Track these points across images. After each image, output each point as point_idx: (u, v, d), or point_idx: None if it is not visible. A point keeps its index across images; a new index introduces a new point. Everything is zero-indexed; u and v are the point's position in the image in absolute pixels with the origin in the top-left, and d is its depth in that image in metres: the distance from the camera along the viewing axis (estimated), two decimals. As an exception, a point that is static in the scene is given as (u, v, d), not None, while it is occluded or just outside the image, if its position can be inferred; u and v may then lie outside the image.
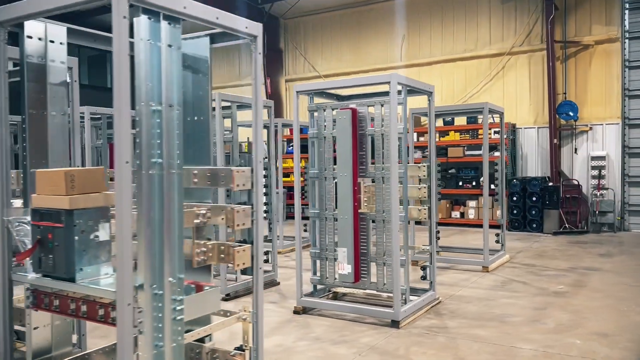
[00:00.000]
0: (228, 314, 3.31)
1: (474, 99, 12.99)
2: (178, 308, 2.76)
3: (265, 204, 6.80)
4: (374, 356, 4.28)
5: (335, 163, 5.35)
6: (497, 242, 8.17)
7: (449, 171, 13.01)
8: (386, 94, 5.33)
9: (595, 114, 11.77)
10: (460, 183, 12.72)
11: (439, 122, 13.32)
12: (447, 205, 12.86)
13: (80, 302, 2.74)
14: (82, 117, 7.27)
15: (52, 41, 3.15)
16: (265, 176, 8.09)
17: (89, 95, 5.23)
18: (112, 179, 2.61)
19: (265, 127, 8.35)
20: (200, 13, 2.81)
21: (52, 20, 3.18)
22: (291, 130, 14.99)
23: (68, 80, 3.59)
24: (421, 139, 13.14)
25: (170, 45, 2.74)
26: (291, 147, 14.69)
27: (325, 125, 5.46)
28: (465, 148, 12.52)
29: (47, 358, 3.13)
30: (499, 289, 6.39)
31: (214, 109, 6.64)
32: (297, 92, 5.44)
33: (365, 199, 5.28)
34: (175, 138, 2.74)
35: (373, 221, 5.35)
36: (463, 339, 4.64)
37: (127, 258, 2.40)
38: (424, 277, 5.72)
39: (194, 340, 3.35)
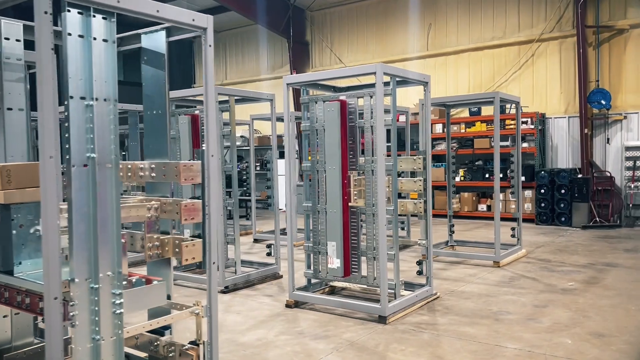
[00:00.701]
0: (183, 308, 3.31)
1: (502, 88, 12.58)
2: (117, 302, 2.77)
3: (268, 197, 6.80)
4: (351, 352, 4.21)
5: (328, 156, 5.29)
6: (513, 236, 7.90)
7: (476, 163, 12.69)
8: (386, 84, 5.25)
9: (630, 102, 11.17)
10: (487, 175, 12.36)
11: (465, 113, 13.01)
12: (474, 198, 12.54)
13: (24, 294, 2.81)
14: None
15: (7, 38, 3.21)
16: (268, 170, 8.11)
17: (124, 91, 5.45)
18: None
19: (279, 119, 8.35)
20: (137, 7, 2.81)
21: (8, 18, 3.24)
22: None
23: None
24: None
25: (105, 40, 2.74)
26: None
27: (317, 118, 5.39)
28: (492, 139, 12.13)
29: (7, 349, 3.22)
30: (504, 285, 6.18)
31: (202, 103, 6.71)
32: (287, 84, 5.39)
33: (355, 192, 5.19)
34: (110, 132, 2.74)
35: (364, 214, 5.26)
36: (448, 337, 4.50)
37: (53, 252, 2.43)
38: (419, 272, 5.58)
39: (150, 332, 3.39)
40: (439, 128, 12.89)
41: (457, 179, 12.72)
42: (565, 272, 6.79)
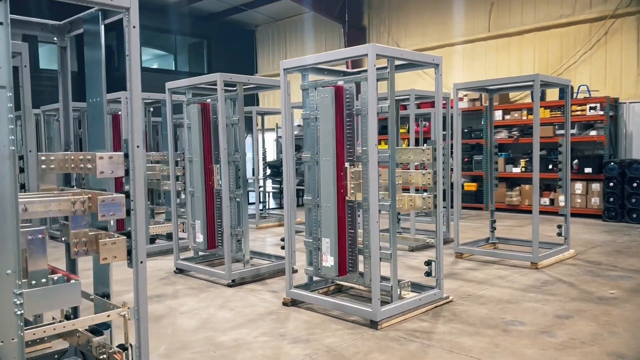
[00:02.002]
0: (113, 308, 3.14)
1: (571, 71, 11.49)
2: (19, 302, 2.63)
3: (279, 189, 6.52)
4: (324, 359, 3.87)
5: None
6: (559, 234, 7.12)
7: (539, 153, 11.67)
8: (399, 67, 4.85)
9: None
10: (550, 166, 11.34)
11: (528, 98, 11.99)
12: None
13: None
14: (119, 102, 7.53)
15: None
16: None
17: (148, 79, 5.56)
18: None
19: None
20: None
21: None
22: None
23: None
24: (507, 117, 11.94)
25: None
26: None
27: (316, 106, 5.03)
28: (556, 127, 11.11)
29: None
30: (531, 290, 5.53)
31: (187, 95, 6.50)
32: (284, 69, 5.07)
33: (352, 185, 4.80)
34: (7, 122, 2.58)
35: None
36: (438, 348, 4.03)
37: None
38: (428, 274, 5.09)
39: (88, 331, 3.25)
40: (498, 115, 12.00)
41: (518, 170, 11.81)
42: (611, 277, 5.98)
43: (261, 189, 11.48)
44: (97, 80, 3.21)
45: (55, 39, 3.62)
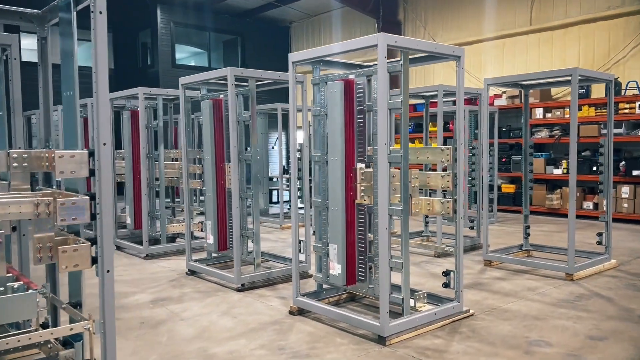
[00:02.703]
0: (80, 319, 2.89)
1: (619, 66, 10.74)
2: (-37, 313, 2.41)
3: (299, 188, 6.21)
4: (320, 380, 3.53)
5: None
6: (599, 243, 6.53)
7: (582, 153, 10.95)
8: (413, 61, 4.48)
9: None
10: (595, 168, 10.59)
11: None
12: (578, 194, 10.85)
13: None
14: (136, 98, 7.38)
15: None
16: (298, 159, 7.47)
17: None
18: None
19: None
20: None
21: None
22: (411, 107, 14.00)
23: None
24: (548, 115, 11.27)
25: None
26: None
27: (326, 101, 4.68)
28: (602, 126, 10.38)
29: None
30: (564, 305, 5.02)
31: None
32: (292, 62, 4.74)
33: (362, 187, 4.43)
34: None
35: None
36: (449, 371, 3.62)
37: None
38: (446, 285, 4.67)
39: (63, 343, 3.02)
40: (539, 113, 11.33)
41: (559, 171, 11.12)
42: (657, 293, 5.40)
43: (288, 188, 11.21)
44: (70, 73, 2.96)
45: (37, 28, 3.40)
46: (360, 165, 4.46)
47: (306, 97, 5.71)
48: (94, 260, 2.72)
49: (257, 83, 6.24)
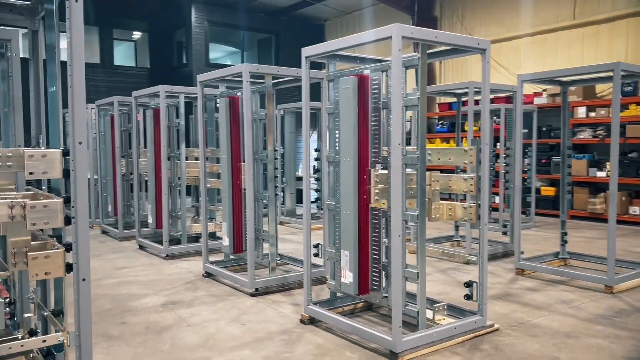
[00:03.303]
0: (57, 329, 2.71)
1: (671, 61, 10.01)
2: None
3: (317, 190, 5.94)
4: (321, 399, 3.26)
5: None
6: (644, 253, 6.02)
7: (628, 155, 10.29)
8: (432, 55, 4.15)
9: None
10: (643, 170, 9.95)
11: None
12: (623, 198, 10.21)
13: None
14: (157, 97, 7.27)
15: None
16: (316, 159, 7.21)
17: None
18: None
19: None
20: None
21: None
22: (440, 107, 13.57)
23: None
24: (591, 114, 10.65)
25: None
26: (440, 126, 13.29)
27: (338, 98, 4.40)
28: (651, 126, 9.71)
29: None
30: (600, 322, 4.59)
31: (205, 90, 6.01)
32: (305, 57, 4.49)
33: (376, 190, 4.13)
34: None
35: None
36: (464, 395, 3.29)
37: None
38: (468, 297, 4.32)
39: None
40: (581, 112, 10.72)
41: (603, 173, 10.48)
42: None
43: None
44: (53, 68, 2.79)
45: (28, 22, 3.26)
46: (376, 166, 4.17)
47: (326, 95, 5.45)
48: (69, 268, 2.53)
49: (276, 80, 6.03)
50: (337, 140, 4.44)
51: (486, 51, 4.16)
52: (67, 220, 2.50)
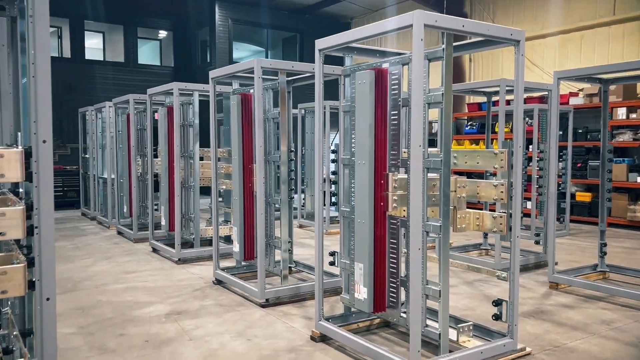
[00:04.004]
0: (20, 355, 2.38)
1: None
2: None
3: (334, 194, 5.55)
4: None
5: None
6: (694, 268, 5.45)
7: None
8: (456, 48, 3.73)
9: None
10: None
11: (661, 93, 9.91)
12: (668, 206, 9.53)
13: None
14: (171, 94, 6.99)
15: None
16: (334, 161, 6.81)
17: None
18: None
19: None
20: None
21: None
22: (470, 107, 13.02)
23: None
24: (633, 115, 10.00)
25: None
26: (469, 127, 12.75)
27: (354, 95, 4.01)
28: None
29: None
30: (647, 348, 4.09)
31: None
32: (319, 50, 4.11)
33: (395, 197, 3.72)
34: None
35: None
36: None
37: None
38: (496, 317, 3.87)
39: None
40: (621, 113, 10.08)
41: (645, 179, 9.83)
42: None
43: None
44: (24, 57, 2.47)
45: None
46: (394, 171, 3.76)
47: (342, 92, 5.08)
48: (31, 285, 2.20)
49: (292, 77, 5.68)
50: (352, 141, 4.06)
51: (520, 43, 3.71)
52: (29, 230, 2.17)
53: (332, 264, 4.80)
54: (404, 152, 3.78)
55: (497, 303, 3.88)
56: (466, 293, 5.59)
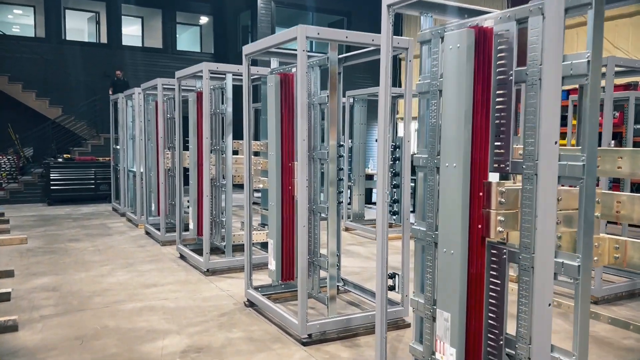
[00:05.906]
0: None
1: None
2: None
3: (395, 201, 4.35)
4: None
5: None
6: None
7: None
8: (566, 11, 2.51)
9: None
10: None
11: None
12: None
13: None
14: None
15: None
16: (396, 159, 5.58)
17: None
18: None
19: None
20: None
21: None
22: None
23: None
24: None
25: None
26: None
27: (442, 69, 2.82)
28: None
29: None
30: None
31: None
32: (387, 5, 2.93)
33: (500, 217, 2.52)
34: None
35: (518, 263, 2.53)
36: None
37: None
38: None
39: None
40: None
41: None
42: None
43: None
44: None
45: None
46: (499, 178, 2.56)
47: (415, 68, 3.92)
48: None
49: (344, 55, 4.55)
50: (431, 133, 2.88)
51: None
52: None
53: (391, 288, 3.61)
54: (517, 149, 2.57)
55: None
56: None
